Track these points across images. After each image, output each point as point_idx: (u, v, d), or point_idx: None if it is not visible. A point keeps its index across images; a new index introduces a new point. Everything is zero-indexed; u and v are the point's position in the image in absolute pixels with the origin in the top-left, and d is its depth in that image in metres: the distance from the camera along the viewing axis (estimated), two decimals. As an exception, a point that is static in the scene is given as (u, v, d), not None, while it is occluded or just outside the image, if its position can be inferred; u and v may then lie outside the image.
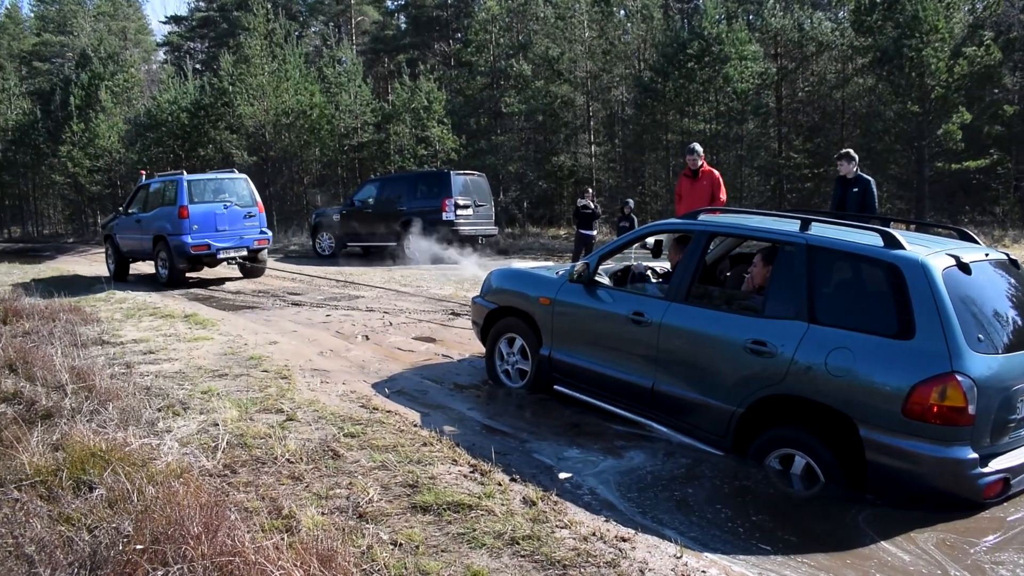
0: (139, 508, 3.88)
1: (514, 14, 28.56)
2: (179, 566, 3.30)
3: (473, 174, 19.59)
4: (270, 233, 15.72)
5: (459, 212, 18.02)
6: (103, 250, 18.55)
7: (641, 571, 3.53)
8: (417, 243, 18.28)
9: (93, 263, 20.86)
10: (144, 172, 19.56)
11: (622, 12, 27.70)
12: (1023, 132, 21.78)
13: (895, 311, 4.40)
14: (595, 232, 16.41)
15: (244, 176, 15.74)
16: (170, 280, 14.52)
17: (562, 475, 4.95)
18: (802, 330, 4.70)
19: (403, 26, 47.87)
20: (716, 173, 10.42)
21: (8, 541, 3.72)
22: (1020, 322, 4.71)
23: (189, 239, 14.16)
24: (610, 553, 3.68)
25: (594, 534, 3.89)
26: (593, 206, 16.08)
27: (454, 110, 28.76)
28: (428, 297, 12.27)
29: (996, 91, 21.91)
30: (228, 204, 14.78)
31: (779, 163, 24.08)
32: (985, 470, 4.17)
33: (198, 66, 42.66)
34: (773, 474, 4.77)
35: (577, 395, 6.30)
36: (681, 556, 3.74)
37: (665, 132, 26.21)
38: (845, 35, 22.73)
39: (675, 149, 26.16)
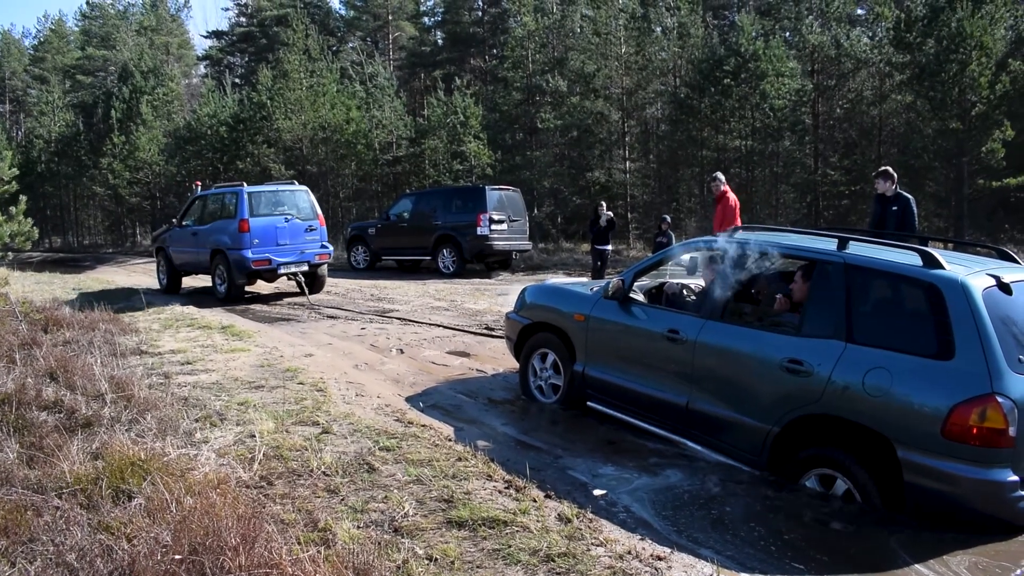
0: (177, 518, 3.92)
1: (550, 30, 28.65)
2: (216, 577, 3.32)
3: (508, 189, 19.65)
4: (331, 248, 15.14)
5: (493, 227, 18.06)
6: (142, 261, 18.70)
7: (678, 591, 3.49)
8: (451, 257, 18.37)
9: (132, 274, 21.16)
10: (199, 183, 18.89)
11: (659, 29, 27.67)
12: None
13: (934, 331, 4.36)
14: (609, 246, 16.49)
15: (305, 188, 15.31)
16: (228, 296, 14.03)
17: (597, 492, 4.92)
18: (839, 349, 4.66)
19: (440, 42, 48.24)
20: (730, 198, 11.44)
21: (49, 549, 3.77)
22: None
23: (250, 254, 13.62)
24: (646, 572, 3.66)
25: (629, 552, 3.86)
26: (603, 223, 16.10)
27: (489, 125, 28.89)
28: (462, 311, 12.29)
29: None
30: (289, 217, 14.22)
31: (815, 180, 23.84)
32: None
33: (237, 80, 43.32)
34: (809, 494, 4.71)
35: (610, 412, 6.28)
36: (718, 577, 3.70)
37: (700, 148, 26.10)
38: (883, 51, 22.51)
39: (710, 166, 26.03)
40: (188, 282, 16.66)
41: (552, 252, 25.29)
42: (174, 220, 16.14)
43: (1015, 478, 4.09)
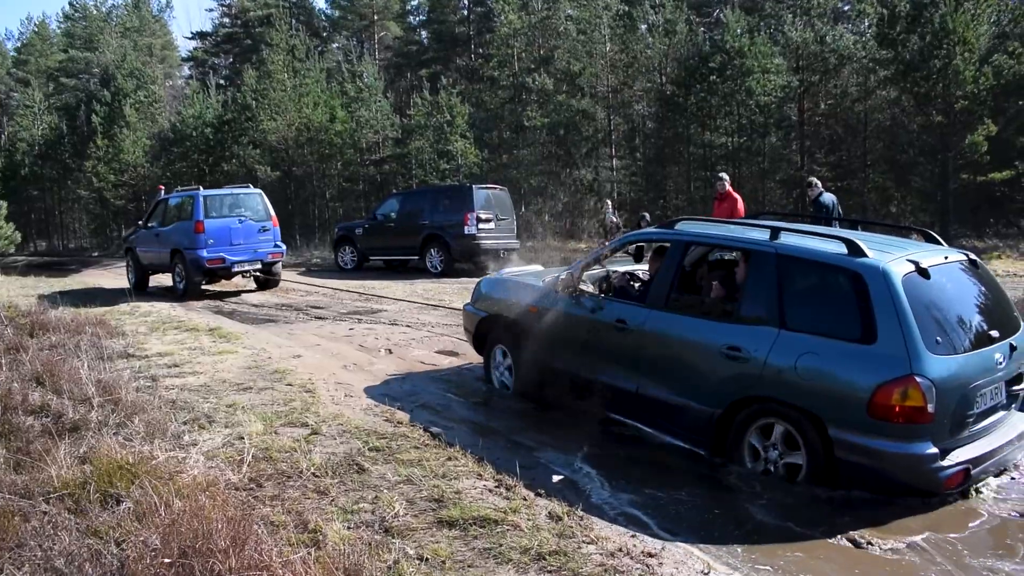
0: (167, 522, 3.89)
1: (535, 28, 28.63)
2: (206, 580, 3.30)
3: (495, 188, 19.62)
4: (284, 247, 16.08)
5: (481, 226, 18.03)
6: (125, 263, 18.85)
7: (669, 587, 3.50)
8: (439, 256, 18.34)
9: (118, 277, 21.01)
10: (163, 187, 20.15)
11: (644, 26, 27.69)
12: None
13: (858, 316, 4.65)
14: None
15: (259, 191, 16.17)
16: (186, 292, 14.85)
17: (556, 477, 5.08)
18: (774, 335, 4.91)
19: (425, 41, 48.12)
20: (736, 196, 12.40)
21: (37, 554, 3.74)
22: (978, 322, 4.95)
23: (205, 253, 14.55)
24: (637, 569, 3.66)
25: (620, 550, 3.87)
26: (612, 221, 16.10)
27: (476, 124, 28.86)
28: (450, 310, 12.27)
29: (1021, 102, 21.67)
30: (243, 218, 15.15)
31: (801, 176, 23.92)
32: (945, 463, 4.43)
33: (222, 81, 43.00)
34: (750, 454, 5.03)
35: (568, 399, 6.41)
36: (708, 572, 3.71)
37: (687, 145, 26.14)
38: (867, 48, 22.60)
39: (697, 162, 26.08)
40: (163, 280, 16.80)
41: (540, 251, 25.27)
42: (139, 222, 17.13)
43: (934, 450, 4.41)
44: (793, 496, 4.65)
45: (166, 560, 3.51)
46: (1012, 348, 4.91)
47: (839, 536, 4.23)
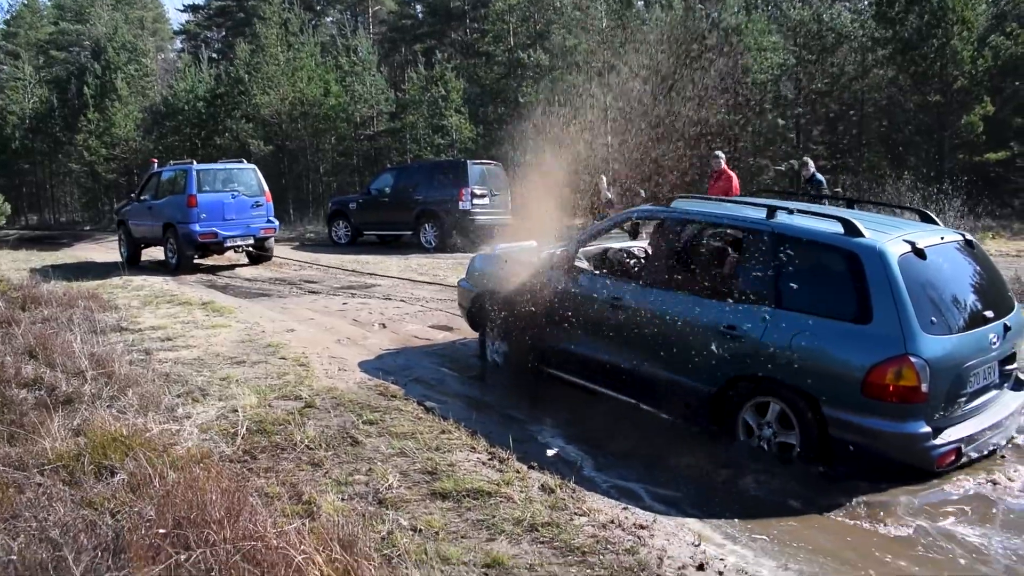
0: (161, 493, 3.91)
1: (532, 4, 28.41)
2: (202, 550, 3.32)
3: (490, 163, 19.55)
4: (277, 222, 16.11)
5: (475, 201, 17.99)
6: (117, 237, 18.86)
7: (660, 558, 3.54)
8: (433, 232, 18.30)
9: (110, 251, 20.94)
10: (155, 160, 20.19)
11: (641, 2, 27.50)
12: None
13: (854, 296, 4.66)
14: None
15: (252, 166, 16.10)
16: (179, 267, 14.91)
17: (549, 452, 5.13)
18: (769, 315, 4.91)
19: (420, 15, 47.70)
20: (732, 175, 12.65)
21: (32, 525, 3.75)
22: (973, 302, 4.98)
23: (197, 227, 14.60)
24: (629, 540, 3.69)
25: (612, 521, 3.90)
26: (604, 200, 16.04)
27: (471, 99, 28.70)
28: (444, 285, 12.26)
29: (1017, 83, 21.64)
30: (236, 194, 15.18)
31: (798, 155, 23.90)
32: (937, 442, 4.49)
33: (214, 55, 42.64)
34: (744, 431, 5.06)
35: (562, 375, 6.45)
36: (699, 544, 3.75)
37: (682, 123, 26.03)
38: (865, 26, 22.51)
39: (692, 140, 25.92)
40: (155, 253, 16.77)
41: (534, 227, 25.22)
42: (132, 195, 17.19)
43: (928, 429, 4.46)
44: (787, 472, 4.67)
45: (161, 531, 3.52)
46: (1006, 328, 4.94)
47: (834, 510, 4.27)
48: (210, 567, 3.19)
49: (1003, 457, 5.02)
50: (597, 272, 6.50)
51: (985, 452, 4.88)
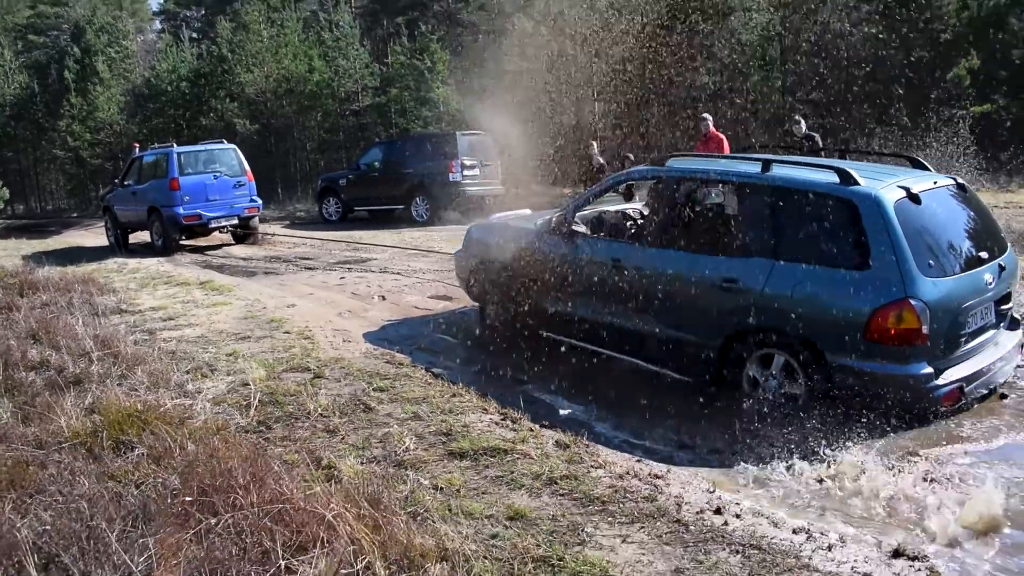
0: (184, 463, 3.97)
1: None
2: (230, 514, 3.38)
3: (478, 134, 19.48)
4: (260, 201, 16.27)
5: (466, 172, 17.97)
6: (104, 223, 18.93)
7: (678, 504, 3.62)
8: (424, 205, 18.28)
9: (99, 236, 20.85)
10: (137, 144, 20.45)
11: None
12: (1030, 76, 21.53)
13: (852, 244, 4.75)
14: None
15: (233, 146, 16.27)
16: (166, 249, 15.01)
17: (590, 422, 5.10)
18: (769, 266, 4.98)
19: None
20: (722, 136, 12.48)
21: (58, 499, 3.81)
22: (968, 244, 5.07)
23: (181, 210, 14.73)
24: (646, 489, 3.78)
25: (628, 472, 3.99)
26: (595, 166, 16.05)
27: (456, 70, 28.52)
28: (440, 256, 12.29)
29: (1002, 35, 21.65)
30: (218, 174, 15.33)
31: (784, 115, 23.90)
32: (940, 382, 4.59)
33: (195, 34, 42.15)
34: (749, 384, 5.13)
35: (565, 339, 6.49)
36: (714, 491, 3.84)
37: (669, 86, 25.96)
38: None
39: (679, 103, 25.92)
40: (143, 237, 16.73)
41: (526, 196, 25.22)
42: (115, 180, 17.39)
43: (930, 370, 4.57)
44: (794, 422, 4.75)
45: (187, 499, 3.58)
46: (1001, 268, 5.04)
47: (841, 455, 4.35)
48: (240, 529, 3.25)
49: (1004, 396, 5.13)
50: (595, 235, 6.55)
51: (986, 391, 4.99)
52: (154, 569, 2.99)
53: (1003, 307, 5.20)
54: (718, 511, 3.56)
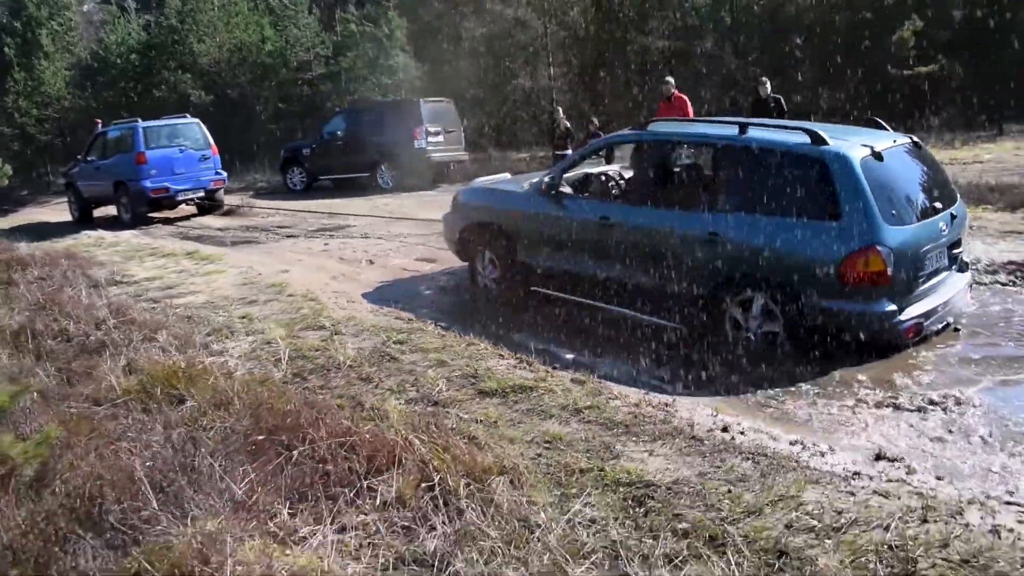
0: (246, 408, 4.41)
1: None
2: (304, 448, 3.85)
3: (442, 101, 19.71)
4: (225, 174, 16.84)
5: (430, 139, 18.26)
6: (63, 200, 19.06)
7: (690, 425, 4.19)
8: (390, 172, 18.54)
9: (60, 212, 20.78)
10: (99, 120, 20.63)
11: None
12: (970, 37, 22.39)
13: (824, 197, 5.37)
14: (570, 151, 16.89)
15: (196, 120, 16.67)
16: (134, 222, 15.37)
17: (568, 355, 5.78)
18: (748, 220, 5.59)
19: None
20: (685, 98, 12.51)
21: (137, 445, 4.21)
22: (925, 195, 5.75)
23: (148, 183, 15.12)
24: (660, 414, 4.35)
25: (642, 402, 4.57)
26: (562, 129, 16.52)
27: (412, 37, 28.57)
28: (417, 221, 12.63)
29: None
30: (183, 148, 15.74)
31: (736, 77, 24.54)
32: (903, 318, 5.23)
33: (137, 5, 41.27)
34: (732, 326, 5.74)
35: (557, 294, 7.07)
36: (717, 414, 4.41)
37: (624, 50, 26.41)
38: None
39: (636, 68, 26.40)
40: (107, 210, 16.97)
41: (484, 162, 25.58)
42: (79, 156, 17.61)
43: (894, 307, 5.19)
44: (773, 357, 5.40)
45: (259, 437, 4.04)
46: (952, 217, 5.70)
47: (818, 384, 5.01)
48: (320, 458, 3.73)
49: (956, 330, 5.81)
50: (584, 195, 7.06)
51: (941, 326, 5.66)
52: (255, 491, 3.45)
53: (954, 251, 5.85)
54: (725, 429, 4.14)
